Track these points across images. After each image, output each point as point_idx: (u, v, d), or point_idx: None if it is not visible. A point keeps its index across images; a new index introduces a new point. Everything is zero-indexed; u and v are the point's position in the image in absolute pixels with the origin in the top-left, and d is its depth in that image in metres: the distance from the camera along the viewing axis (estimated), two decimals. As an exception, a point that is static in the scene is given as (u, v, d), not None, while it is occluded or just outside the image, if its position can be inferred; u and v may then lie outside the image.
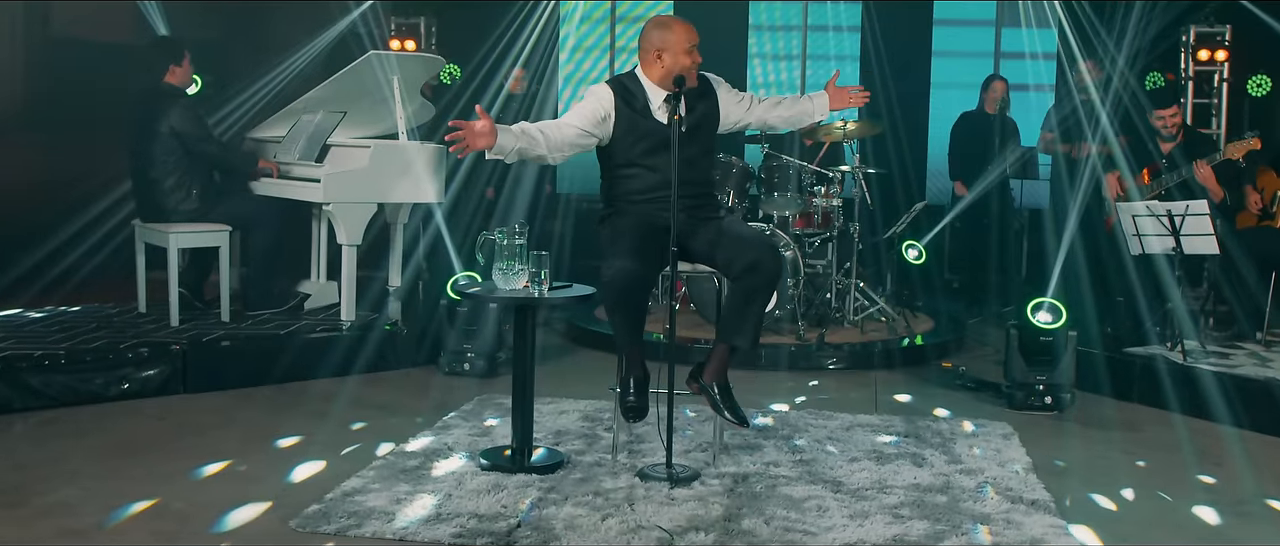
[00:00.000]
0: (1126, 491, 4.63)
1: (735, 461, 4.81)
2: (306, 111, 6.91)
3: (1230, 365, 6.08)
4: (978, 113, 8.95)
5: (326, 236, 7.07)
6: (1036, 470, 4.81)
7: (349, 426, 5.28)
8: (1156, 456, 5.18)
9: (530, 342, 4.67)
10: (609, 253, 4.47)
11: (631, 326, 4.48)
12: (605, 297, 4.42)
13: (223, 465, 4.60)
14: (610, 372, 6.35)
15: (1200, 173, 6.60)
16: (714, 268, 4.65)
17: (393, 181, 6.50)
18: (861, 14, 10.29)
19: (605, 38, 10.76)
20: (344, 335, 6.36)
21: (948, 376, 6.69)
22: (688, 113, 4.54)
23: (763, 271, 4.39)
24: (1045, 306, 5.96)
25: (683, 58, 4.58)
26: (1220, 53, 8.99)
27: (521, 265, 4.56)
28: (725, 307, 4.55)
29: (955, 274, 9.88)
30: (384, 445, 4.92)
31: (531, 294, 4.52)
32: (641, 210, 4.57)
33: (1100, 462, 5.04)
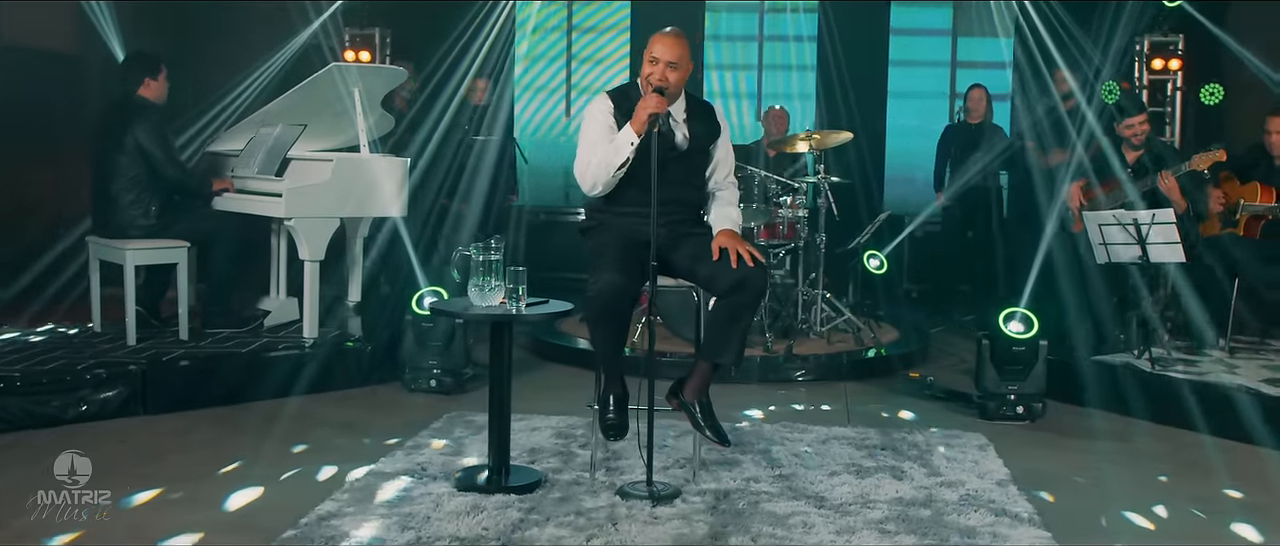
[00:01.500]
0: (1105, 502, 4.63)
1: (715, 477, 4.75)
2: (265, 124, 6.78)
3: (1200, 372, 6.12)
4: (962, 124, 8.96)
5: (286, 252, 6.93)
6: (1015, 481, 4.80)
7: (318, 447, 5.16)
8: (1132, 466, 5.19)
9: (506, 360, 4.59)
10: (592, 266, 4.39)
11: (614, 341, 4.42)
12: (588, 311, 4.35)
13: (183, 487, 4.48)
14: (578, 387, 6.33)
15: (1165, 184, 6.65)
16: (696, 283, 4.58)
17: (355, 195, 6.39)
18: (819, 24, 10.29)
19: (562, 45, 10.67)
20: (307, 352, 6.23)
21: (917, 386, 6.68)
22: (688, 133, 4.50)
23: (749, 288, 4.33)
24: (1017, 316, 5.96)
25: (645, 65, 4.52)
26: (1174, 62, 9.10)
27: (497, 281, 4.47)
28: (709, 324, 4.48)
29: (915, 283, 9.90)
30: (355, 467, 4.80)
31: (509, 310, 4.43)
32: (625, 223, 4.49)
33: (1077, 473, 5.04)
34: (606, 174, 4.43)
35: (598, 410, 4.59)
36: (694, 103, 4.69)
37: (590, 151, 4.49)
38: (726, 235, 4.46)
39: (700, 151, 4.63)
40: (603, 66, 10.59)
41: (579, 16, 10.65)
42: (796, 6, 10.39)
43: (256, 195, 6.46)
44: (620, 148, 4.39)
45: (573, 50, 10.65)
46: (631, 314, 4.44)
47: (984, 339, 5.98)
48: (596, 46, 10.59)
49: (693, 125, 4.61)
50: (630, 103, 4.54)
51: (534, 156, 9.98)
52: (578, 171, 4.53)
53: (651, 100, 4.35)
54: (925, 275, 9.85)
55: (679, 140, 4.55)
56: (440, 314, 5.32)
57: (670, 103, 4.48)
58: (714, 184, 4.71)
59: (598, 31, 10.58)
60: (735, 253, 4.35)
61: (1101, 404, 6.15)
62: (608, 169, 4.42)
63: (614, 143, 4.42)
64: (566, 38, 10.65)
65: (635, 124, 4.36)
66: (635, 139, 4.35)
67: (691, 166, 4.62)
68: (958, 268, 9.36)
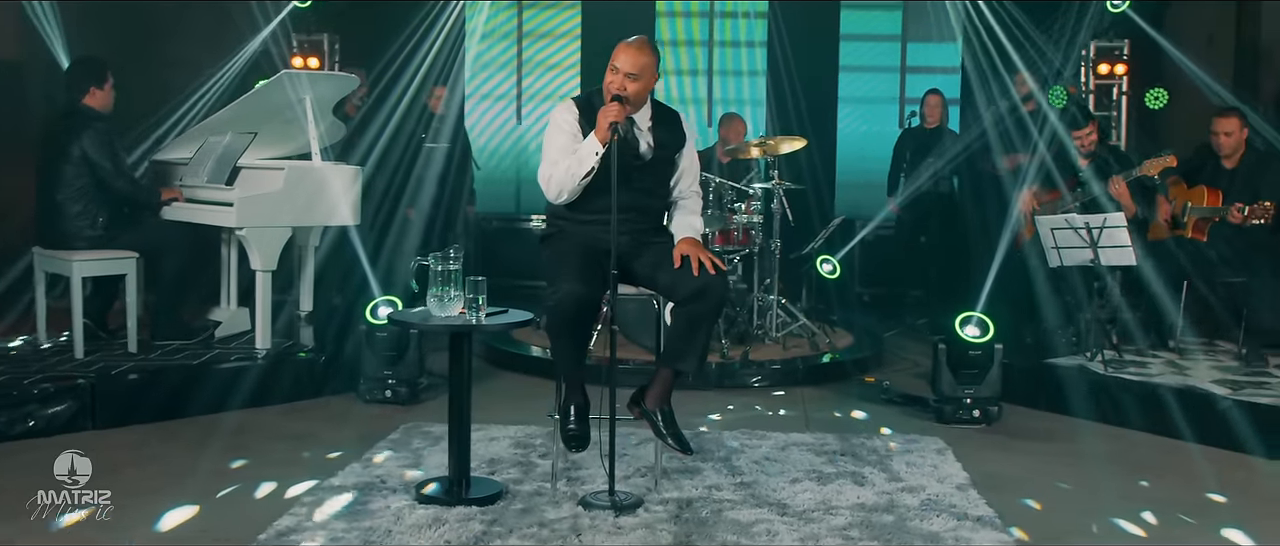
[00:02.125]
0: (1064, 503, 4.68)
1: (676, 486, 4.74)
2: (214, 132, 6.67)
3: (1150, 374, 6.20)
4: (919, 128, 9.02)
5: (237, 261, 6.83)
6: (975, 485, 4.83)
7: (274, 460, 5.08)
8: (1087, 467, 5.25)
9: (466, 371, 4.54)
10: (554, 275, 4.36)
11: (576, 351, 4.39)
12: (551, 321, 4.32)
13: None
14: (534, 395, 6.31)
15: (1115, 189, 6.73)
16: (656, 291, 4.56)
17: (308, 204, 6.31)
18: (769, 29, 10.32)
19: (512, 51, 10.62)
20: (259, 364, 6.13)
21: (873, 391, 6.71)
22: (653, 142, 4.48)
23: (710, 297, 4.32)
24: (973, 320, 6.00)
25: (607, 73, 4.49)
26: (1119, 67, 9.20)
27: (457, 291, 4.43)
28: (670, 332, 4.46)
29: (866, 288, 9.95)
30: (313, 480, 4.73)
31: (469, 321, 4.38)
32: (586, 231, 4.46)
33: (1035, 476, 5.08)
34: (571, 183, 4.40)
35: (558, 420, 4.55)
36: (660, 110, 4.66)
37: (555, 161, 4.46)
38: (688, 243, 4.45)
39: (665, 160, 4.62)
40: (554, 72, 10.55)
41: (530, 23, 10.60)
42: (748, 11, 10.41)
43: (206, 204, 6.35)
44: (584, 158, 4.36)
45: (523, 56, 10.60)
46: (593, 323, 4.40)
47: (940, 343, 6.01)
48: (547, 52, 10.55)
49: (657, 133, 4.59)
50: (594, 109, 4.51)
51: (485, 163, 9.91)
52: (542, 179, 4.49)
53: (611, 109, 4.34)
54: (877, 279, 9.89)
55: (643, 149, 4.53)
56: (399, 324, 5.24)
57: (633, 111, 4.47)
58: (678, 193, 4.69)
59: (548, 37, 10.54)
60: (696, 260, 4.34)
61: (1056, 406, 6.20)
62: (572, 178, 4.39)
63: (578, 152, 4.39)
64: (516, 44, 10.60)
65: (598, 133, 4.34)
66: (599, 148, 4.33)
67: (656, 175, 4.60)
68: (910, 272, 9.42)
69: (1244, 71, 10.16)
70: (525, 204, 10.57)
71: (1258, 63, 9.96)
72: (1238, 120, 6.64)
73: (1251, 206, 6.21)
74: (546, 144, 4.57)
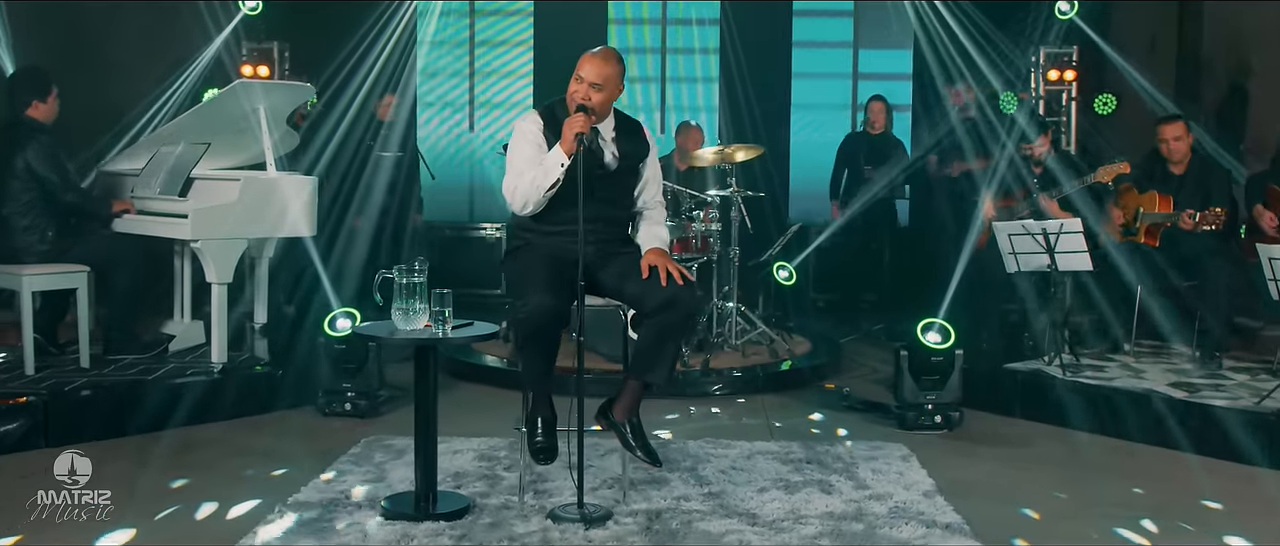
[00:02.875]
0: (1029, 509, 4.71)
1: (645, 497, 4.72)
2: (165, 143, 6.57)
3: (1107, 378, 6.27)
4: (861, 133, 9.06)
5: (190, 274, 6.72)
6: (941, 492, 4.85)
7: (236, 475, 5.01)
8: (1050, 472, 5.29)
9: (432, 384, 4.50)
10: (521, 287, 4.33)
11: (544, 364, 4.35)
12: (518, 334, 4.29)
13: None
14: (495, 406, 6.28)
15: (1045, 204, 6.83)
16: (624, 302, 4.54)
17: (264, 215, 6.23)
18: (721, 36, 10.33)
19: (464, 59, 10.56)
20: (215, 378, 6.04)
21: (833, 398, 6.73)
22: (617, 152, 4.46)
23: (680, 307, 4.30)
24: (935, 327, 6.03)
25: (571, 83, 4.47)
26: (1069, 73, 9.32)
27: (422, 304, 4.38)
28: (639, 343, 4.43)
29: (820, 294, 9.98)
30: (276, 496, 4.66)
31: (435, 334, 4.34)
32: (553, 242, 4.43)
33: (999, 481, 5.12)
34: (537, 194, 4.37)
35: (526, 433, 4.51)
36: (623, 120, 4.64)
37: (520, 172, 4.43)
38: (655, 253, 4.43)
39: (629, 170, 4.60)
40: (507, 80, 10.50)
41: (482, 31, 10.54)
42: (702, 19, 10.42)
43: (159, 216, 6.25)
44: (550, 169, 4.34)
45: (475, 65, 10.53)
46: (561, 335, 4.37)
47: (902, 350, 6.03)
48: (500, 61, 10.49)
49: (622, 143, 4.57)
50: (558, 120, 4.49)
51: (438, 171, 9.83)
52: (507, 191, 4.46)
53: (577, 120, 4.31)
54: (830, 286, 9.92)
55: (608, 159, 4.51)
56: (365, 338, 5.15)
57: (598, 121, 4.45)
58: (642, 203, 4.67)
59: (501, 46, 10.48)
60: (665, 271, 4.32)
61: (1015, 411, 6.26)
62: (538, 190, 4.36)
63: (544, 164, 4.37)
64: (469, 52, 10.53)
65: (564, 145, 4.31)
66: (565, 160, 4.31)
67: (621, 186, 4.59)
68: (863, 278, 9.46)
69: (1185, 79, 10.34)
70: (478, 212, 10.51)
71: (1198, 71, 10.14)
72: (1182, 126, 6.74)
73: (1203, 213, 6.30)
74: (511, 154, 4.54)
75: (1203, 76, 10.23)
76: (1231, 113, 9.43)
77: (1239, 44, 9.79)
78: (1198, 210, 6.35)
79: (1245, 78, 9.78)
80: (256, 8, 9.04)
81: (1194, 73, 10.32)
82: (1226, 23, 9.75)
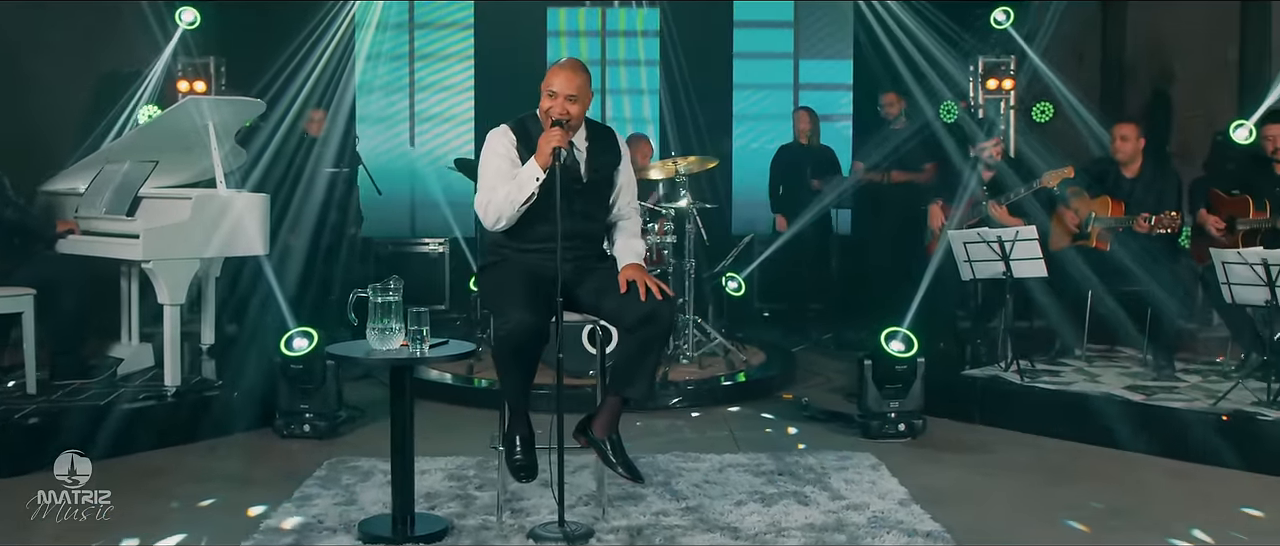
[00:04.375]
0: (1002, 513, 4.75)
1: (623, 513, 4.68)
2: (110, 161, 6.40)
3: (1065, 383, 6.36)
4: (794, 144, 9.11)
5: (138, 295, 6.55)
6: (916, 499, 4.87)
7: (199, 503, 4.87)
8: (1018, 477, 5.35)
9: (408, 405, 4.42)
10: (499, 304, 4.27)
11: (524, 382, 4.29)
12: (499, 351, 4.22)
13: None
14: (454, 425, 6.24)
15: (996, 213, 6.92)
16: (601, 317, 4.50)
17: (217, 234, 6.09)
18: (661, 48, 10.34)
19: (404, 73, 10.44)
20: (170, 402, 5.89)
21: (793, 408, 6.75)
22: (590, 164, 4.42)
23: (658, 322, 4.26)
24: (899, 336, 6.07)
25: (544, 99, 4.41)
26: (1007, 82, 9.46)
27: (398, 323, 4.30)
28: (617, 358, 4.40)
29: (765, 303, 10.02)
30: (247, 522, 4.55)
31: (413, 354, 4.26)
32: (529, 259, 4.38)
33: (970, 487, 5.16)
34: (510, 209, 4.32)
35: (504, 451, 4.45)
36: (595, 130, 4.60)
37: (493, 187, 4.37)
38: (633, 268, 4.40)
39: (605, 181, 4.56)
40: (446, 94, 10.40)
41: (421, 45, 10.43)
42: (641, 30, 10.41)
43: (107, 237, 6.08)
44: (524, 184, 4.29)
45: (416, 78, 10.42)
46: (541, 352, 4.31)
47: (866, 359, 6.06)
48: (441, 75, 10.39)
49: (595, 154, 4.53)
50: (530, 134, 4.44)
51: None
52: (480, 207, 4.40)
53: (554, 135, 4.27)
54: (776, 296, 9.96)
55: (582, 172, 4.47)
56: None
57: (572, 134, 4.41)
58: (617, 211, 4.63)
59: (441, 59, 10.39)
60: (643, 285, 4.29)
61: (975, 417, 6.33)
62: (511, 205, 4.31)
63: (517, 179, 4.32)
64: (408, 66, 10.42)
65: (539, 158, 4.26)
66: (540, 174, 4.26)
67: (596, 197, 4.55)
68: (807, 288, 9.50)
69: (1110, 88, 10.57)
70: (419, 227, 10.39)
71: (1122, 78, 10.37)
72: (1134, 127, 6.85)
73: (1158, 216, 6.41)
74: (482, 169, 4.48)
75: (1126, 83, 10.47)
76: (1156, 118, 9.65)
77: (1161, 50, 10.03)
78: (1151, 214, 6.45)
79: (1168, 83, 10.03)
80: (195, 22, 8.86)
81: (1118, 79, 10.56)
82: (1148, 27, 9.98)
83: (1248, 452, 5.38)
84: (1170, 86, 10.06)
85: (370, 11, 10.06)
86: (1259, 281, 5.64)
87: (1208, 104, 9.60)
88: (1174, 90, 10.02)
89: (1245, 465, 5.35)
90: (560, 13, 10.56)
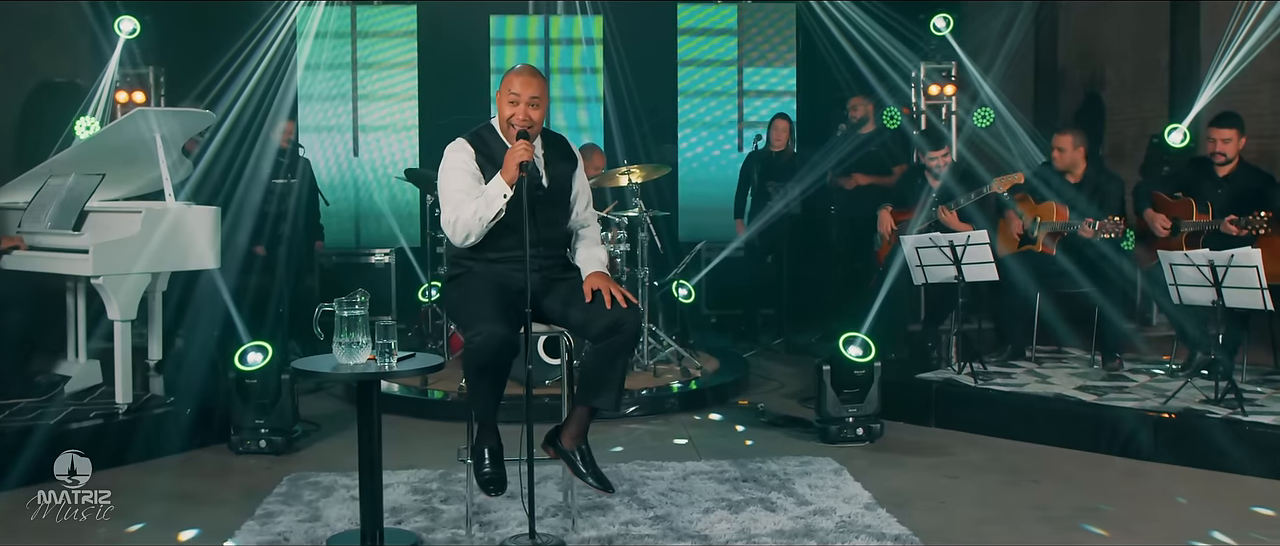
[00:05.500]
0: (967, 515, 4.81)
1: (592, 524, 4.67)
2: (54, 174, 6.27)
3: (1016, 384, 6.46)
4: (766, 151, 9.15)
5: (84, 311, 6.42)
6: (882, 503, 4.92)
7: (161, 522, 4.78)
8: (979, 478, 5.42)
9: (376, 420, 4.37)
10: (468, 316, 4.23)
11: (495, 394, 4.26)
12: (470, 363, 4.19)
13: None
14: (409, 436, 6.18)
15: (944, 217, 7.02)
16: (568, 328, 4.48)
17: (167, 248, 5.99)
18: (605, 56, 10.34)
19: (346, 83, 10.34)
20: (121, 420, 5.77)
21: (749, 414, 6.78)
22: (548, 172, 4.41)
23: (625, 330, 4.27)
24: (857, 341, 6.12)
25: (505, 107, 4.40)
26: (948, 87, 9.58)
27: (364, 337, 4.26)
28: (585, 369, 4.38)
29: (713, 310, 10.06)
30: (211, 541, 4.48)
31: (381, 368, 4.22)
32: (497, 270, 4.36)
33: (930, 489, 5.22)
34: (479, 226, 4.30)
35: (472, 464, 4.43)
36: (549, 138, 4.60)
37: (458, 204, 4.34)
38: (598, 277, 4.40)
39: (564, 188, 4.56)
40: (390, 103, 10.31)
41: (364, 54, 10.33)
42: (591, 39, 10.40)
43: (53, 252, 5.95)
44: (493, 201, 4.27)
45: (359, 89, 10.32)
46: (511, 365, 4.29)
47: (823, 365, 6.10)
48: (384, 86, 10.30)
49: (553, 162, 4.52)
50: (489, 146, 4.43)
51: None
52: (447, 225, 4.36)
53: (519, 148, 4.25)
54: (723, 302, 9.99)
55: (543, 180, 4.46)
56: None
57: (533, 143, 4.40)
58: (577, 218, 4.63)
59: (384, 68, 10.30)
60: (608, 293, 4.29)
61: (930, 420, 6.41)
62: (481, 222, 4.29)
63: (485, 195, 4.29)
64: (351, 75, 10.32)
65: (507, 175, 4.25)
66: (508, 190, 4.24)
67: (558, 204, 4.55)
68: (757, 293, 9.54)
69: (1044, 92, 10.78)
70: (365, 238, 10.30)
71: (1056, 84, 10.57)
72: (1070, 137, 6.97)
73: (1102, 222, 6.53)
74: (445, 187, 4.44)
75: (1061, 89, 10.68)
76: (1088, 122, 9.85)
77: (1093, 54, 10.24)
78: (1096, 219, 6.57)
79: (1100, 87, 10.24)
80: (135, 31, 8.70)
81: (1053, 86, 10.76)
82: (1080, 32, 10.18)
83: (1196, 450, 5.51)
84: (1102, 90, 10.28)
85: (310, 20, 9.94)
86: (1206, 282, 5.77)
87: (1140, 107, 9.82)
88: (1106, 94, 10.24)
89: (1195, 462, 5.47)
90: (506, 21, 10.51)
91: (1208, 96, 8.34)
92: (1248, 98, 8.14)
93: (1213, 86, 8.33)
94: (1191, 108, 8.40)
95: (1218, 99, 8.15)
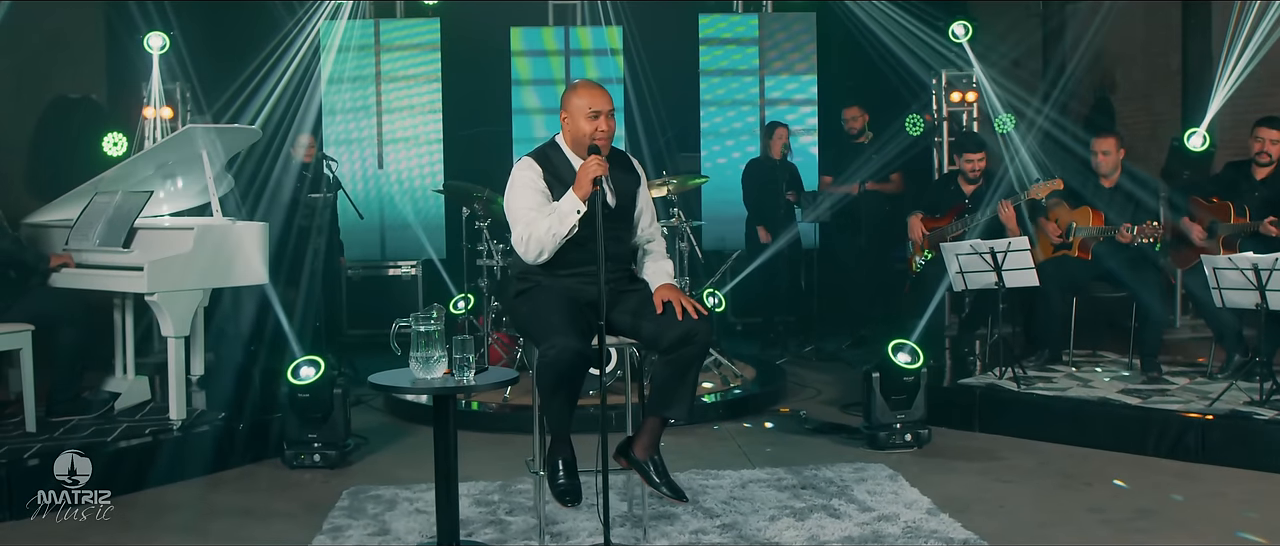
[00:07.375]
0: (1029, 519, 4.86)
1: (662, 534, 4.72)
2: (100, 191, 6.30)
3: (1059, 388, 6.51)
4: (763, 159, 9.21)
5: (133, 329, 6.44)
6: (943, 508, 4.97)
7: (229, 537, 4.81)
8: (1032, 482, 5.48)
9: (452, 433, 4.40)
10: (540, 331, 4.27)
11: (569, 408, 4.30)
12: (543, 377, 4.22)
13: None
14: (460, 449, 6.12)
15: (1004, 213, 7.05)
16: (639, 340, 4.51)
17: (220, 264, 6.02)
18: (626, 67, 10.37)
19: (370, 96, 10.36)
20: (177, 436, 5.79)
21: (791, 421, 6.82)
22: (615, 188, 4.46)
23: (696, 341, 4.30)
24: (905, 348, 6.17)
25: (584, 124, 4.44)
26: (970, 94, 9.65)
27: (440, 352, 4.29)
28: (657, 380, 4.41)
29: (738, 318, 10.10)
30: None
31: (460, 382, 4.26)
32: (566, 284, 4.40)
33: (987, 494, 5.27)
34: (553, 243, 4.33)
35: (546, 476, 4.46)
36: (613, 154, 4.63)
37: (531, 221, 4.37)
38: (667, 288, 4.44)
39: (629, 203, 4.60)
40: (413, 114, 10.34)
41: (388, 68, 10.35)
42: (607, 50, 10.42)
43: (104, 269, 5.98)
44: (566, 217, 4.30)
45: (382, 102, 10.34)
46: (584, 377, 4.33)
47: (873, 372, 6.15)
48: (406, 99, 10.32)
49: (618, 177, 4.56)
50: (554, 164, 4.48)
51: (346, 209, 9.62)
52: (519, 242, 4.38)
53: (593, 163, 4.29)
54: (748, 310, 10.03)
55: (609, 198, 4.49)
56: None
57: None
58: (643, 233, 4.67)
59: (407, 80, 10.32)
60: (679, 305, 4.33)
61: (975, 425, 6.45)
62: (554, 239, 4.32)
63: (558, 212, 4.32)
64: (375, 88, 10.34)
65: (580, 191, 4.28)
66: (581, 206, 4.28)
67: (624, 220, 4.59)
68: (779, 302, 9.57)
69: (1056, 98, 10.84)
70: (390, 250, 10.32)
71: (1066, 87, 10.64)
72: (1114, 140, 7.03)
73: (1140, 226, 6.59)
74: (515, 205, 4.46)
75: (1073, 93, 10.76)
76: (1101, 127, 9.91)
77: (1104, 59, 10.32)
78: (1133, 224, 6.63)
79: (1111, 92, 10.32)
80: (164, 46, 8.72)
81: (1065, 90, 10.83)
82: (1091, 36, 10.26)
83: (1246, 451, 5.57)
84: (1112, 94, 10.36)
85: (333, 34, 9.98)
86: (1249, 285, 5.83)
87: (1152, 111, 9.90)
88: (1116, 98, 10.32)
89: (1245, 463, 5.53)
90: (537, 32, 10.53)
91: (1222, 99, 8.42)
92: (1261, 99, 8.23)
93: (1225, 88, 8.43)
94: (1206, 111, 8.47)
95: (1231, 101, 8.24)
